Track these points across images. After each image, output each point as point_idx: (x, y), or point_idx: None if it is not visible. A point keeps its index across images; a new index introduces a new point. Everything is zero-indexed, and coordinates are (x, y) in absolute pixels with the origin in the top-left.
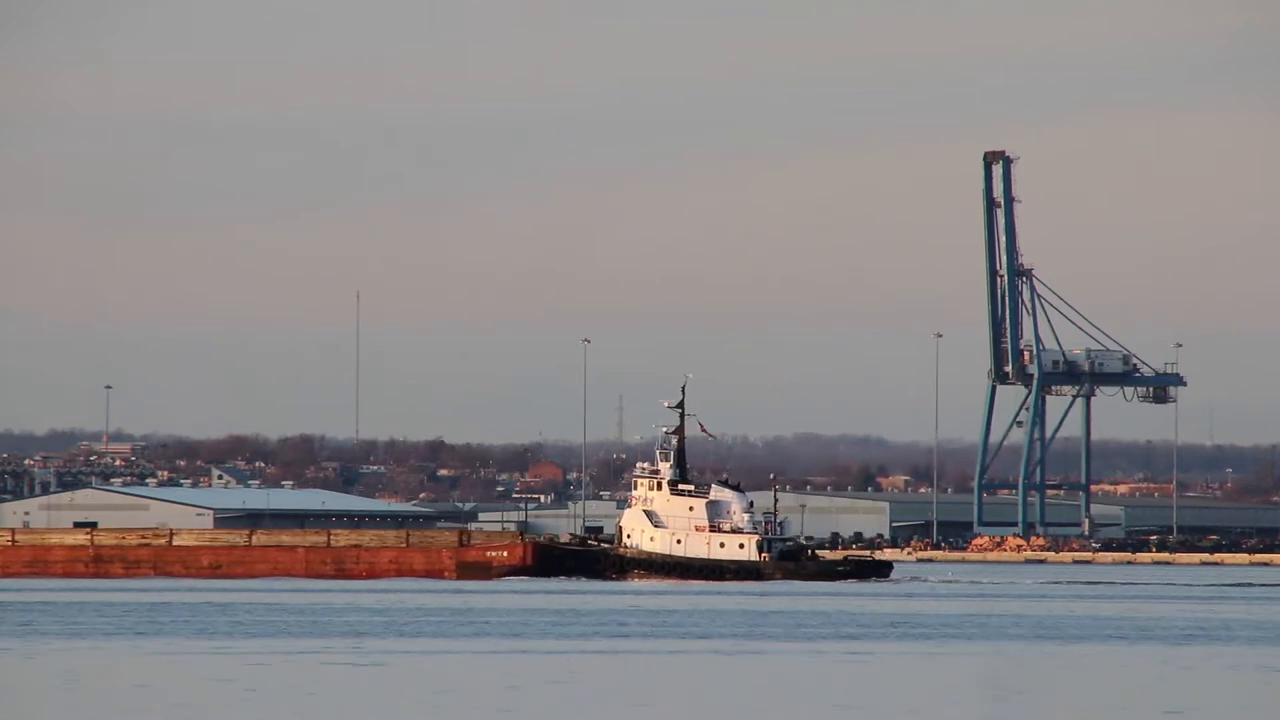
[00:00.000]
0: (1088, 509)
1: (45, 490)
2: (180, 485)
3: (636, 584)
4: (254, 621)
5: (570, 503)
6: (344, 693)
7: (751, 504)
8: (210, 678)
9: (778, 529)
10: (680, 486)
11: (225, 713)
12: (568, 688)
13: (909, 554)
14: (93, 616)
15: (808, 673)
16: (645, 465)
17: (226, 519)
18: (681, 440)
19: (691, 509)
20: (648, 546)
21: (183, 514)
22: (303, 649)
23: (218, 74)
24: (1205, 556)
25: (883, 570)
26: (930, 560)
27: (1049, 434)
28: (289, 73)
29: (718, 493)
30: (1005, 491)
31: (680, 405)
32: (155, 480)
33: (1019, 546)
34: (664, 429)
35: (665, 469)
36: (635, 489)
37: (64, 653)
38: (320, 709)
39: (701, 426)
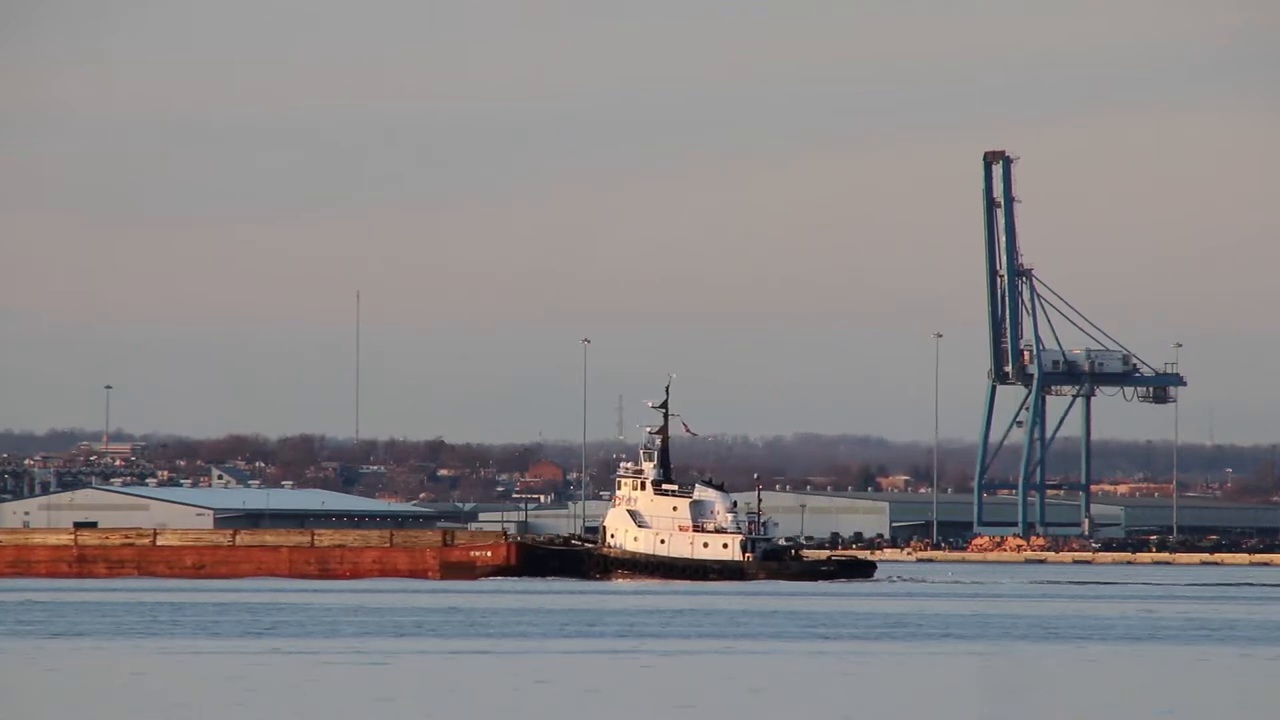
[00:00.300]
0: (1088, 509)
1: (45, 490)
2: (180, 485)
3: (619, 584)
4: (251, 621)
5: (570, 503)
6: (344, 693)
7: (735, 504)
8: (209, 677)
9: (761, 529)
10: (664, 486)
11: (225, 713)
12: (566, 688)
13: (909, 554)
14: (90, 616)
15: (807, 673)
16: (629, 465)
17: (226, 519)
18: (665, 440)
19: (675, 509)
20: (631, 546)
21: (183, 514)
22: (301, 649)
23: (218, 74)
24: (1205, 556)
25: (866, 570)
26: (930, 560)
27: (1049, 434)
28: (289, 73)
29: (701, 493)
30: (1005, 491)
31: (664, 405)
32: (155, 480)
33: (1019, 546)
34: (648, 429)
35: (649, 469)
36: (619, 489)
37: (53, 654)
38: (320, 709)
39: (685, 426)
